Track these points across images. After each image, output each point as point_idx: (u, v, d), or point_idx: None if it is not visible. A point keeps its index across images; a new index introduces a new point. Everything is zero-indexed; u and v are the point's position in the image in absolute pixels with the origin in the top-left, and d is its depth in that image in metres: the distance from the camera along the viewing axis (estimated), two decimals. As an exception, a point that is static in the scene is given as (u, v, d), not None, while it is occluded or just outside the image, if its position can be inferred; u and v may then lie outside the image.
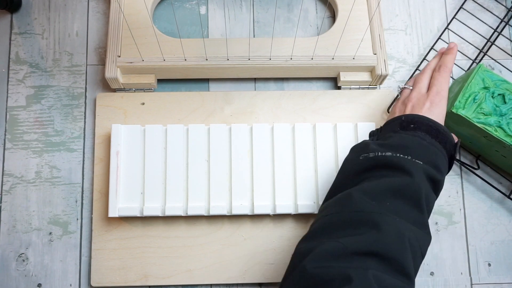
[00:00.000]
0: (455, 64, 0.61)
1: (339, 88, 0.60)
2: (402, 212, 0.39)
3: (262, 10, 0.63)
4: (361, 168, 0.43)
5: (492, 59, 0.61)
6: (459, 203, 0.58)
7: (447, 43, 0.62)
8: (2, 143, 0.58)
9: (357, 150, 0.45)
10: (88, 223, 0.56)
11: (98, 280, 0.54)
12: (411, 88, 0.51)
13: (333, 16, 0.63)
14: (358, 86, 0.59)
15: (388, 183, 0.40)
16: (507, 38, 0.62)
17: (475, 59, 0.61)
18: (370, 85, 0.59)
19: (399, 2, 0.64)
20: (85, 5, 0.63)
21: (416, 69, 0.60)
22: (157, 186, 0.54)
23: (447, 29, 0.62)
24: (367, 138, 0.50)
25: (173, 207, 0.53)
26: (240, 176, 0.54)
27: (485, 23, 0.62)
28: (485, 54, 0.61)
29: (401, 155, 0.41)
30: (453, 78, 0.61)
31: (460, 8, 0.63)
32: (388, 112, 0.58)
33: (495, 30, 0.62)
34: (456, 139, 0.46)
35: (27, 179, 0.57)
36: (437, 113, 0.46)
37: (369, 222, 0.37)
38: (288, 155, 0.55)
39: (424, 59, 0.61)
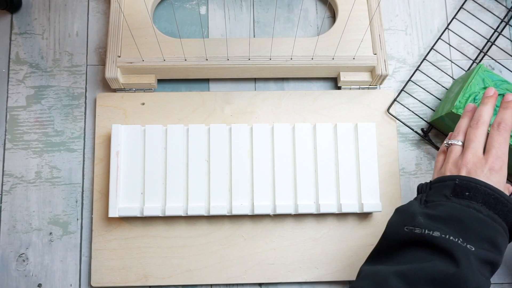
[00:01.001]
0: (455, 64, 0.61)
1: (339, 88, 0.60)
2: None
3: (262, 10, 0.63)
4: (405, 241, 0.39)
5: (492, 59, 0.61)
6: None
7: (447, 43, 0.62)
8: (2, 143, 0.58)
9: (403, 216, 0.41)
10: (88, 223, 0.56)
11: (98, 280, 0.54)
12: (461, 144, 0.45)
13: (333, 16, 0.63)
14: (358, 86, 0.59)
15: (431, 271, 0.36)
16: (507, 38, 0.62)
17: (475, 59, 0.61)
18: (370, 85, 0.59)
19: (399, 2, 0.64)
20: (85, 5, 0.63)
21: (416, 69, 0.60)
22: (157, 186, 0.54)
23: (447, 29, 0.62)
24: (415, 193, 0.44)
25: (173, 207, 0.53)
26: (240, 176, 0.54)
27: (485, 23, 0.62)
28: (485, 54, 0.61)
29: (451, 237, 0.37)
30: (453, 78, 0.61)
31: (460, 8, 0.63)
32: (389, 113, 0.58)
33: (495, 30, 0.62)
34: None
35: (27, 179, 0.57)
36: (495, 181, 0.41)
37: None
38: (288, 155, 0.55)
39: (424, 59, 0.61)
